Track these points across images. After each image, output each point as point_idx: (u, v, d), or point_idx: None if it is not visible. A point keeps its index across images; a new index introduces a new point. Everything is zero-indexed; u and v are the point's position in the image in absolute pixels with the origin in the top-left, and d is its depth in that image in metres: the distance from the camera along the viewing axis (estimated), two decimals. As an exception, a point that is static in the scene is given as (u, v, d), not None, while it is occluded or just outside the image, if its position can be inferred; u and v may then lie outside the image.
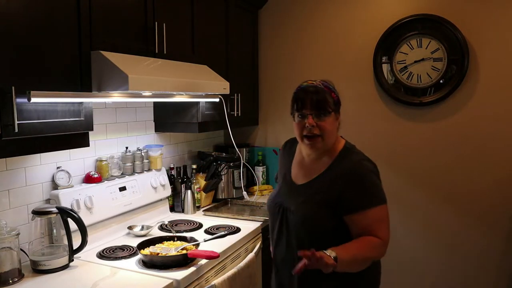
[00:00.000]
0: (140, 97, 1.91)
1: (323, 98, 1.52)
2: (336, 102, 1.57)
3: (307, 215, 1.52)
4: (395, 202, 2.86)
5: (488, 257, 2.67)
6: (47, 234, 1.86)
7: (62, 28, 1.55)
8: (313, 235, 1.52)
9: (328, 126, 1.53)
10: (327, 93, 1.54)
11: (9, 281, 1.62)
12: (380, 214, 1.47)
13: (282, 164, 1.77)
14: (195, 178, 2.75)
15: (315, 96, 1.52)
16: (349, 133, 2.92)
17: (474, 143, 2.66)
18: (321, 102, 1.51)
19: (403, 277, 2.88)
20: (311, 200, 1.53)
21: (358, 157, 1.56)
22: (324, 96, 1.52)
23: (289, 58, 3.08)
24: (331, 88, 1.57)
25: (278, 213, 1.62)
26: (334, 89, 1.59)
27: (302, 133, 1.54)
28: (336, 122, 1.58)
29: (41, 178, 1.92)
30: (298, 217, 1.54)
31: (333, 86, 1.60)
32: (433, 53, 2.67)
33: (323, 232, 1.50)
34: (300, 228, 1.54)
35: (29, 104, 1.42)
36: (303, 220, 1.53)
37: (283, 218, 1.60)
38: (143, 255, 1.82)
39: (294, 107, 1.56)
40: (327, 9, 2.95)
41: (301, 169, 1.65)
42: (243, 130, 3.27)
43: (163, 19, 2.04)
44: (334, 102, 1.55)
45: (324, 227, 1.50)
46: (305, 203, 1.54)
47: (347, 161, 1.54)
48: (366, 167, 1.52)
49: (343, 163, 1.54)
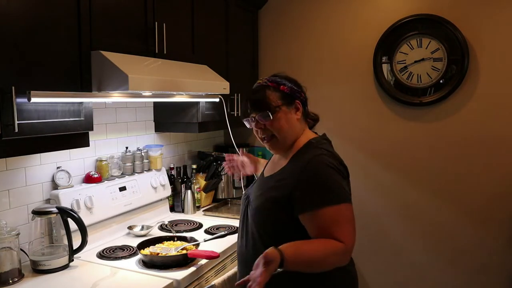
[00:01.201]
0: (140, 97, 1.91)
1: (263, 96, 1.42)
2: (288, 95, 1.44)
3: (259, 207, 1.43)
4: (395, 202, 2.87)
5: (488, 257, 2.67)
6: (47, 234, 1.86)
7: (62, 28, 1.55)
8: (264, 230, 1.42)
9: (278, 123, 1.42)
10: (270, 88, 1.43)
11: (9, 281, 1.63)
12: (337, 214, 1.29)
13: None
14: (195, 178, 2.75)
15: (253, 96, 1.44)
16: (349, 133, 2.95)
17: (474, 143, 2.65)
18: (261, 101, 1.42)
19: (403, 277, 2.88)
20: (266, 193, 1.43)
21: (318, 152, 1.38)
22: (263, 93, 1.42)
23: (289, 58, 3.08)
24: (279, 82, 1.45)
25: (244, 207, 1.54)
26: (286, 81, 1.46)
27: (258, 136, 1.48)
28: (291, 116, 1.44)
29: (41, 178, 1.92)
30: (253, 209, 1.46)
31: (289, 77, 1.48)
32: (433, 53, 2.67)
33: (275, 229, 1.39)
34: (253, 221, 1.45)
35: (29, 104, 1.42)
36: (255, 213, 1.44)
37: (246, 209, 1.52)
38: (143, 255, 1.82)
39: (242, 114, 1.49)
40: (327, 9, 2.95)
41: (271, 164, 1.59)
42: (243, 130, 3.24)
43: (163, 19, 2.03)
44: (284, 96, 1.43)
45: (275, 224, 1.39)
46: (261, 196, 1.45)
47: (305, 155, 1.39)
48: (323, 161, 1.34)
49: (301, 158, 1.40)
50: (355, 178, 1.57)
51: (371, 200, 2.89)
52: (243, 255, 1.52)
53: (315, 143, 1.45)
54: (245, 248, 1.50)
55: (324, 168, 1.33)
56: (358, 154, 2.94)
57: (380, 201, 2.89)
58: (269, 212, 1.41)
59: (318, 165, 1.34)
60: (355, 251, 1.56)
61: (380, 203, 2.89)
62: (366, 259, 2.88)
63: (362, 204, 2.86)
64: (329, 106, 2.96)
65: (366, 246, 2.87)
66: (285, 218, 1.36)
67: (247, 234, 1.49)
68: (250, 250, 1.46)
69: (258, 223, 1.44)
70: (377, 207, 2.89)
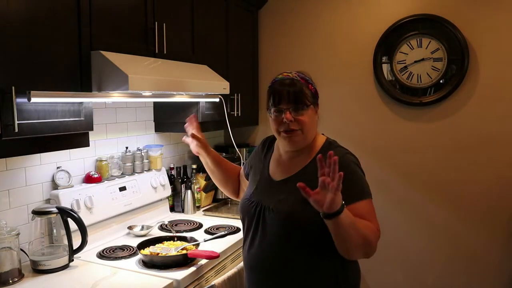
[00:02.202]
0: (140, 97, 1.91)
1: (301, 90, 1.42)
2: (314, 95, 1.47)
3: (289, 211, 1.40)
4: (395, 202, 2.87)
5: (488, 257, 2.67)
6: (47, 234, 1.86)
7: (62, 28, 1.55)
8: (293, 234, 1.40)
9: (307, 119, 1.43)
10: (304, 85, 1.44)
11: (9, 281, 1.63)
12: (370, 207, 1.40)
13: (256, 160, 1.65)
14: (195, 178, 2.75)
15: (292, 88, 1.42)
16: (349, 132, 2.95)
17: (474, 143, 2.65)
18: (299, 95, 1.42)
19: (403, 277, 2.88)
20: (292, 196, 1.39)
21: (343, 151, 1.46)
22: (301, 88, 1.43)
23: (289, 58, 3.08)
24: (307, 80, 1.47)
25: (255, 213, 1.48)
26: (311, 81, 1.49)
27: (279, 128, 1.45)
28: (315, 116, 1.48)
29: (41, 178, 1.92)
30: (279, 214, 1.42)
31: (310, 77, 1.50)
32: (433, 53, 2.67)
33: (305, 230, 1.39)
34: (279, 227, 1.42)
35: (29, 104, 1.42)
36: (285, 217, 1.41)
37: (260, 217, 1.47)
38: (143, 255, 1.82)
39: (270, 101, 1.45)
40: (327, 9, 2.95)
41: (278, 166, 1.54)
42: (243, 130, 3.27)
43: (163, 19, 2.03)
44: (312, 95, 1.46)
45: (307, 224, 1.37)
46: (287, 199, 1.42)
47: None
48: (352, 160, 1.44)
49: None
50: (355, 178, 1.57)
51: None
52: (259, 262, 1.47)
53: (334, 142, 1.51)
54: (261, 254, 1.46)
55: (355, 166, 1.43)
56: (358, 154, 2.90)
57: (380, 201, 2.87)
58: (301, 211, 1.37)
59: (350, 164, 1.42)
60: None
61: (380, 203, 2.86)
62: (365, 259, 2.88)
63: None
64: (329, 106, 2.95)
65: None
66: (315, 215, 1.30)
67: (264, 239, 1.45)
68: (272, 255, 1.43)
69: (288, 227, 1.40)
70: (376, 207, 2.87)
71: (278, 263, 1.43)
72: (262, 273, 1.47)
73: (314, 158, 1.42)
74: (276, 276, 1.43)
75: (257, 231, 1.47)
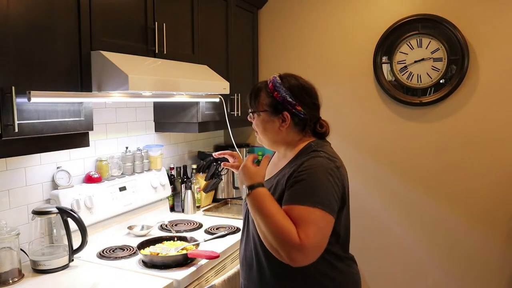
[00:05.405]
0: (140, 97, 1.91)
1: (256, 96, 1.44)
2: (278, 103, 1.40)
3: None
4: (395, 202, 2.87)
5: (488, 257, 2.67)
6: (47, 234, 1.86)
7: (62, 28, 1.55)
8: None
9: (259, 125, 1.45)
10: (266, 92, 1.42)
11: (9, 281, 1.63)
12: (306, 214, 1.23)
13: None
14: (195, 178, 2.75)
15: (252, 91, 1.47)
16: (349, 132, 2.95)
17: (474, 143, 2.65)
18: (253, 100, 1.46)
19: (403, 276, 2.88)
20: None
21: (316, 154, 1.35)
22: (258, 94, 1.44)
23: (289, 58, 3.08)
24: (277, 87, 1.40)
25: (246, 212, 1.52)
26: (284, 90, 1.40)
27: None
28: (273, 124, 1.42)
29: (41, 178, 1.92)
30: None
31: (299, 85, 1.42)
32: (433, 53, 2.67)
33: None
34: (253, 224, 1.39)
35: (29, 104, 1.42)
36: None
37: (247, 214, 1.49)
38: (143, 255, 1.82)
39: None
40: (327, 9, 2.95)
41: (270, 167, 1.56)
42: (243, 130, 3.27)
43: (163, 19, 2.03)
44: (272, 103, 1.40)
45: None
46: None
47: (303, 157, 1.37)
48: (319, 162, 1.32)
49: (299, 159, 1.37)
50: (354, 178, 1.57)
51: (371, 200, 2.89)
52: (243, 259, 1.52)
53: (314, 145, 1.41)
54: (244, 252, 1.51)
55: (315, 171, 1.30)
56: (358, 154, 2.94)
57: (380, 201, 2.89)
58: None
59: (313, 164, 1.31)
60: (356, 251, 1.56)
61: (380, 203, 2.89)
62: (365, 259, 2.88)
63: (362, 204, 2.86)
64: (329, 106, 2.91)
65: (366, 245, 2.87)
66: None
67: (248, 237, 1.50)
68: (250, 254, 1.46)
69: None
70: (376, 207, 2.89)
71: (254, 261, 1.44)
72: (245, 269, 1.51)
73: (290, 162, 1.42)
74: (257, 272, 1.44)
75: (245, 229, 1.54)
